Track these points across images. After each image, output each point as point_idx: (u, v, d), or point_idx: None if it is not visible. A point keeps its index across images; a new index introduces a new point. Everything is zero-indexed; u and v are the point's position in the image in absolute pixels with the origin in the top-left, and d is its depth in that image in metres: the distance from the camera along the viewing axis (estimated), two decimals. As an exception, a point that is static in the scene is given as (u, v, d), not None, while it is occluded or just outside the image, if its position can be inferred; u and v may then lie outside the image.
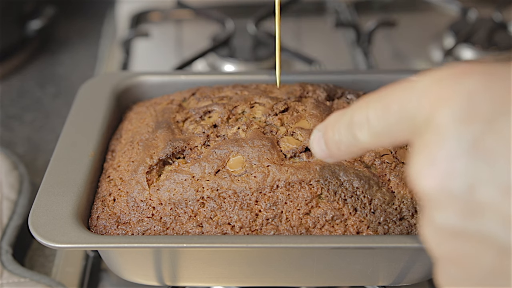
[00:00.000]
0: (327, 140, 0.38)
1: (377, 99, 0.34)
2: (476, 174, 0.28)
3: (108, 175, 0.55)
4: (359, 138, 0.35)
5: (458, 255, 0.30)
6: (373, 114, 0.34)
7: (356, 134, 0.35)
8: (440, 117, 0.30)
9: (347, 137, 0.36)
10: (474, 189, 0.28)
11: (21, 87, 0.96)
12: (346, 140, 0.37)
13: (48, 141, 0.84)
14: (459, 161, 0.29)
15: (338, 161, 0.39)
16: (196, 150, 0.54)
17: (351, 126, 0.36)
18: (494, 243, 0.28)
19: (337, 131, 0.37)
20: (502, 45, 0.96)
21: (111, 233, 0.51)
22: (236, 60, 0.91)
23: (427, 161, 0.30)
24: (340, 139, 0.37)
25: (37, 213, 0.49)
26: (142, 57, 0.98)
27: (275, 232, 0.49)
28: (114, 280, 0.62)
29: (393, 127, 0.33)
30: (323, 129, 0.39)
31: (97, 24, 1.13)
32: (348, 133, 0.36)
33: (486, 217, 0.28)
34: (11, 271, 0.59)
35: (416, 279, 0.53)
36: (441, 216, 0.30)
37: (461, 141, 0.29)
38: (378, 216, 0.50)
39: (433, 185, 0.30)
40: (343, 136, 0.37)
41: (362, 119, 0.35)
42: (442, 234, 0.30)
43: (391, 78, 0.65)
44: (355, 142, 0.36)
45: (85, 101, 0.62)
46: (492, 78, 0.29)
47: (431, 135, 0.30)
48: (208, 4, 1.08)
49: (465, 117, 0.29)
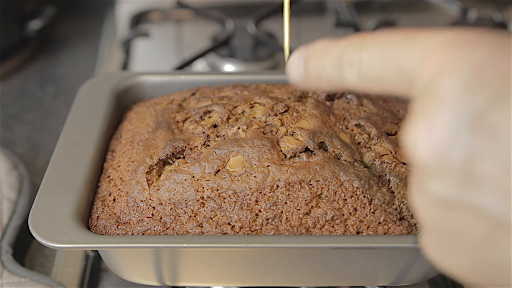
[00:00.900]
0: (308, 67, 0.37)
1: (375, 43, 0.32)
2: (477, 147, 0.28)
3: (108, 175, 0.55)
4: (346, 77, 0.34)
5: (448, 225, 0.30)
6: (367, 58, 0.33)
7: (344, 72, 0.34)
8: (444, 84, 0.29)
9: (332, 72, 0.35)
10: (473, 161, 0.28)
11: (21, 87, 0.96)
12: (330, 74, 0.35)
13: (48, 141, 0.84)
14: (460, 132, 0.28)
15: (313, 89, 0.37)
16: (196, 150, 0.54)
17: (341, 63, 0.34)
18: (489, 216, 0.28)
19: (322, 62, 0.35)
20: (502, 45, 0.95)
21: (111, 233, 0.51)
22: (236, 60, 0.91)
23: (426, 128, 0.29)
24: (323, 71, 0.35)
25: (37, 213, 0.49)
26: (142, 57, 0.98)
27: (275, 232, 0.49)
28: (114, 280, 0.62)
29: (387, 79, 0.32)
30: (307, 55, 0.37)
31: (97, 24, 1.13)
32: (335, 69, 0.34)
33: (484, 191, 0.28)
34: (11, 271, 0.59)
35: (416, 279, 0.53)
36: (435, 185, 0.30)
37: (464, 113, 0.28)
38: (378, 216, 0.50)
39: (430, 153, 0.29)
40: (328, 69, 0.35)
41: (354, 59, 0.33)
42: (434, 203, 0.30)
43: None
44: (340, 79, 0.34)
45: (85, 101, 0.62)
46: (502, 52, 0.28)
47: (432, 101, 0.29)
48: (208, 4, 1.08)
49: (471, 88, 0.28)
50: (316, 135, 0.53)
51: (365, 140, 0.54)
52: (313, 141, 0.52)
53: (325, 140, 0.53)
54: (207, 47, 0.91)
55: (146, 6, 1.10)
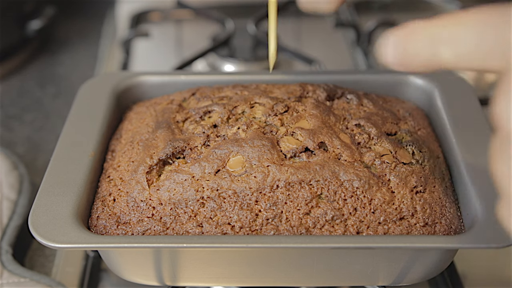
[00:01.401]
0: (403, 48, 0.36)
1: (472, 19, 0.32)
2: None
3: (108, 175, 0.55)
4: (441, 55, 0.34)
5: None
6: (464, 34, 0.32)
7: (439, 50, 0.33)
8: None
9: (428, 49, 0.34)
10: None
11: (21, 87, 0.96)
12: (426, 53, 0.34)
13: (48, 141, 0.84)
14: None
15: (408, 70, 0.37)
16: (196, 150, 0.54)
17: (436, 40, 0.34)
18: None
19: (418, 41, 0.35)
20: (502, 45, 0.95)
21: (111, 233, 0.51)
22: (236, 60, 0.91)
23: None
24: (419, 50, 0.35)
25: (37, 213, 0.49)
26: (142, 57, 0.98)
27: (275, 232, 0.49)
28: (114, 280, 0.62)
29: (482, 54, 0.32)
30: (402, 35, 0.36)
31: (97, 24, 1.13)
32: (430, 48, 0.34)
33: None
34: (11, 271, 0.59)
35: (416, 279, 0.53)
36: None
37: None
38: (378, 216, 0.50)
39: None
40: (424, 48, 0.35)
41: (451, 36, 0.33)
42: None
43: (391, 78, 0.65)
44: (435, 57, 0.34)
45: (85, 101, 0.62)
46: None
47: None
48: (208, 4, 1.08)
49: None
50: (316, 135, 0.53)
51: (365, 140, 0.54)
52: (313, 141, 0.52)
53: (325, 140, 0.53)
54: (207, 47, 0.91)
55: (146, 6, 1.10)
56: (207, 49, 0.90)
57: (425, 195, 0.51)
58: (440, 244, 0.46)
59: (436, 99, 0.61)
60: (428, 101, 0.63)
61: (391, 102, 0.62)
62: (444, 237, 0.47)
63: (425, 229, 0.50)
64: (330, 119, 0.55)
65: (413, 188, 0.51)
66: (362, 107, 0.59)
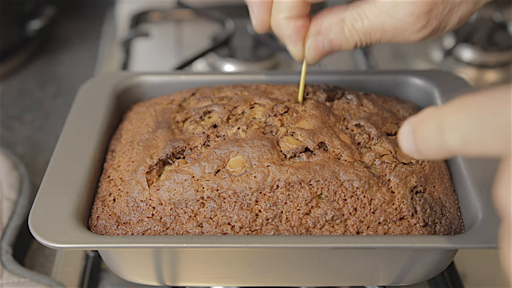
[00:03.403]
0: (416, 136, 0.37)
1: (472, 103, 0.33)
2: None
3: (108, 175, 0.55)
4: (448, 141, 0.34)
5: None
6: (466, 119, 0.33)
7: (445, 136, 0.34)
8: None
9: (436, 137, 0.35)
10: None
11: (21, 87, 0.96)
12: (435, 140, 0.35)
13: (48, 141, 0.84)
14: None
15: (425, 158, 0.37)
16: (196, 150, 0.54)
17: (442, 127, 0.34)
18: None
19: (427, 129, 0.36)
20: (502, 45, 0.96)
21: (111, 233, 0.51)
22: (236, 60, 0.91)
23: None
24: (429, 138, 0.36)
25: (37, 213, 0.49)
26: (142, 57, 0.98)
27: (275, 232, 0.49)
28: (114, 280, 0.62)
29: (485, 138, 0.32)
30: (414, 123, 0.37)
31: (97, 24, 1.13)
32: (438, 134, 0.35)
33: None
34: (11, 271, 0.59)
35: (416, 279, 0.53)
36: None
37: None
38: (378, 216, 0.50)
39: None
40: (432, 135, 0.35)
41: (454, 122, 0.33)
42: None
43: (391, 78, 0.65)
44: (444, 144, 0.35)
45: (85, 101, 0.62)
46: None
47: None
48: (208, 4, 1.08)
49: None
50: (316, 135, 0.53)
51: (365, 140, 0.54)
52: (313, 141, 0.52)
53: (325, 140, 0.53)
54: (207, 47, 0.91)
55: (146, 6, 1.10)
56: (207, 49, 0.90)
57: (425, 195, 0.51)
58: (440, 244, 0.46)
59: (436, 99, 0.61)
60: (428, 101, 0.63)
61: (391, 102, 0.62)
62: (444, 237, 0.47)
63: (425, 229, 0.50)
64: (330, 119, 0.55)
65: (413, 188, 0.51)
66: (362, 107, 0.59)
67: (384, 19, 0.50)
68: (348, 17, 0.51)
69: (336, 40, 0.52)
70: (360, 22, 0.51)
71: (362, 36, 0.52)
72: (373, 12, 0.50)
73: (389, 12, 0.50)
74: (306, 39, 0.53)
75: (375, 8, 0.50)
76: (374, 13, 0.50)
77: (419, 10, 0.49)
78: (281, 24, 0.52)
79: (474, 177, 0.51)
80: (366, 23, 0.51)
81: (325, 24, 0.52)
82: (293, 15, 0.51)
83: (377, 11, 0.50)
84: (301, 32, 0.52)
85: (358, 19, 0.51)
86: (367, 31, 0.51)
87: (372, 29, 0.51)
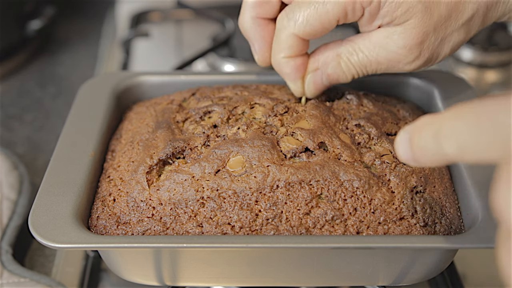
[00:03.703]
0: (412, 144, 0.37)
1: (470, 111, 0.33)
2: None
3: (108, 175, 0.55)
4: (445, 148, 0.34)
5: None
6: (463, 126, 0.33)
7: (442, 144, 0.34)
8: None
9: (432, 145, 0.35)
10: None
11: (21, 87, 0.96)
12: (432, 148, 0.35)
13: (48, 141, 0.84)
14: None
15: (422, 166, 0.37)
16: (196, 150, 0.54)
17: (439, 135, 0.34)
18: None
19: (423, 137, 0.36)
20: (502, 45, 0.96)
21: (111, 233, 0.51)
22: (236, 60, 0.91)
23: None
24: (425, 146, 0.36)
25: (37, 213, 0.49)
26: (142, 57, 0.98)
27: (275, 232, 0.49)
28: (114, 280, 0.62)
29: (483, 145, 0.32)
30: (410, 131, 0.38)
31: (97, 24, 1.13)
32: (435, 142, 0.35)
33: None
34: (11, 271, 0.59)
35: (416, 279, 0.53)
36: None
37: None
38: (378, 216, 0.50)
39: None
40: (429, 143, 0.35)
41: (451, 130, 0.33)
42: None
43: (391, 78, 0.65)
44: (441, 152, 0.35)
45: (85, 101, 0.62)
46: None
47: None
48: (208, 4, 1.08)
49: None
50: (316, 135, 0.53)
51: (365, 140, 0.54)
52: (313, 141, 0.52)
53: (325, 140, 0.53)
54: (207, 47, 0.91)
55: (146, 6, 1.10)
56: (207, 49, 0.90)
57: (425, 195, 0.51)
58: (440, 244, 0.46)
59: (436, 99, 0.61)
60: (428, 101, 0.63)
61: (391, 102, 0.62)
62: (444, 237, 0.47)
63: (425, 229, 0.50)
64: (330, 120, 0.55)
65: (413, 188, 0.51)
66: (362, 107, 0.59)
67: (378, 52, 0.52)
68: (344, 51, 0.54)
69: (334, 74, 0.55)
70: (356, 56, 0.53)
71: (358, 69, 0.54)
72: (367, 46, 0.53)
73: (382, 45, 0.52)
74: (305, 75, 0.55)
75: (369, 42, 0.53)
76: (368, 47, 0.53)
77: (411, 42, 0.51)
78: (280, 63, 0.54)
79: (474, 177, 0.51)
80: (361, 56, 0.53)
81: (322, 59, 0.54)
82: (291, 54, 0.53)
83: (371, 45, 0.53)
84: (300, 70, 0.55)
85: (353, 53, 0.53)
86: (363, 64, 0.54)
87: (367, 62, 0.53)
